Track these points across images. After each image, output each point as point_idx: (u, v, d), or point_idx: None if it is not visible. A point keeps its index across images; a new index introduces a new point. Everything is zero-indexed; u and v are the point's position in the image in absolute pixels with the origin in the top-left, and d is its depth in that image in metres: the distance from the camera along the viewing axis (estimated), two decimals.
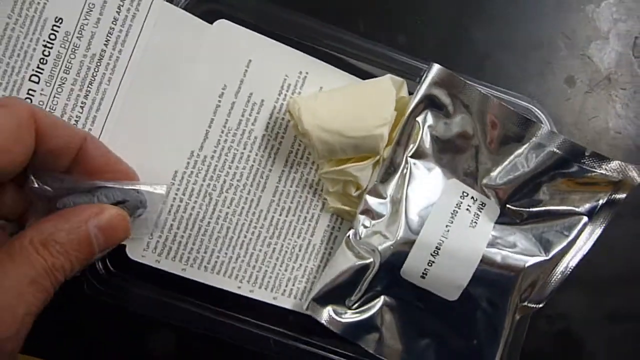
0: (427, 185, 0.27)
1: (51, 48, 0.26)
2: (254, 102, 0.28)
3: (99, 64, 0.26)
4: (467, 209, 0.26)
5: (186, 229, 0.27)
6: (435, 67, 0.27)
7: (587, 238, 0.26)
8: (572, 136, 0.31)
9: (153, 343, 0.29)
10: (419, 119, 0.27)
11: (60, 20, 0.26)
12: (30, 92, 0.25)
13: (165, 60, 0.26)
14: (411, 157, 0.27)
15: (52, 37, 0.26)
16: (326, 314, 0.26)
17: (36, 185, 0.22)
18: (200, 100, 0.27)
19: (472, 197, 0.27)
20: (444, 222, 0.26)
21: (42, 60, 0.25)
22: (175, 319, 0.27)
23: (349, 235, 0.27)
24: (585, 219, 0.26)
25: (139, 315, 0.27)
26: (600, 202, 0.26)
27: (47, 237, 0.19)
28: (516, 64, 0.31)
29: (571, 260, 0.26)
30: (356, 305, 0.27)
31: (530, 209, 0.27)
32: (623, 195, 0.26)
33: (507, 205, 0.27)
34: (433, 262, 0.25)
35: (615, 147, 0.31)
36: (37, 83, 0.25)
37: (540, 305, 0.27)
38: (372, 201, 0.27)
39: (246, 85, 0.27)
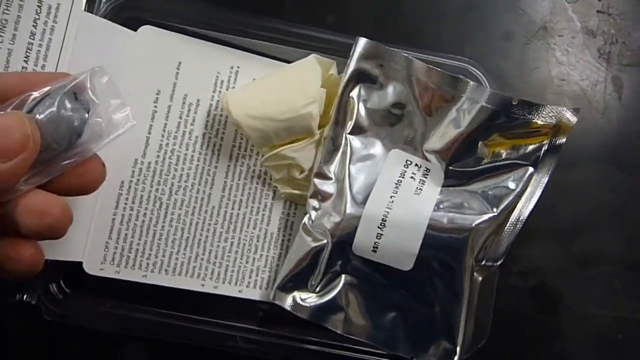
0: (368, 160, 0.26)
1: None
2: (190, 102, 0.27)
3: None
4: (412, 177, 0.26)
5: (141, 235, 0.27)
6: (362, 41, 0.26)
7: (535, 187, 0.26)
8: (517, 90, 0.30)
9: (126, 359, 0.29)
10: (353, 94, 0.26)
11: None
12: None
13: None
14: (349, 133, 0.26)
15: None
16: (291, 300, 0.26)
17: None
18: (136, 108, 0.26)
19: (416, 164, 0.26)
20: (388, 193, 0.25)
21: None
22: (142, 330, 0.27)
23: (304, 221, 0.26)
24: (530, 169, 0.26)
25: (106, 333, 0.27)
26: (543, 149, 0.26)
27: None
28: (451, 28, 0.31)
29: (521, 211, 0.26)
30: (319, 288, 0.26)
31: (474, 168, 0.26)
32: (563, 140, 0.26)
33: (450, 168, 0.26)
34: (381, 234, 0.25)
35: (561, 94, 0.31)
36: None
37: (498, 263, 0.26)
38: (319, 183, 0.26)
39: (180, 87, 0.27)
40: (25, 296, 0.26)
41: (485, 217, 0.25)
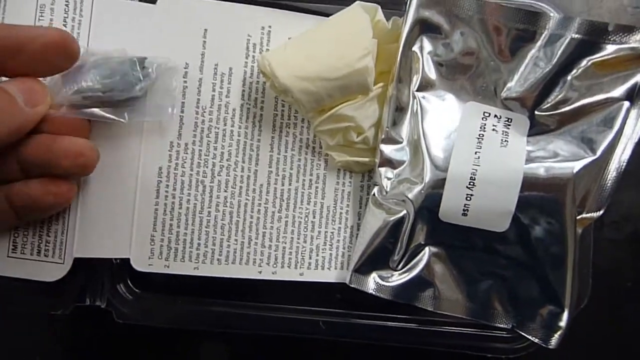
0: (443, 117, 0.22)
1: None
2: (222, 72, 0.23)
3: None
4: (493, 129, 0.21)
5: (187, 224, 0.23)
6: None
7: (634, 124, 0.21)
8: None
9: (203, 355, 0.26)
10: (416, 47, 0.22)
11: None
12: None
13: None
14: (417, 90, 0.22)
15: None
16: (372, 282, 0.22)
17: None
18: None
19: (496, 115, 0.21)
20: (472, 150, 0.21)
21: None
22: (218, 325, 0.24)
23: (374, 193, 0.22)
24: (626, 103, 0.21)
25: (180, 330, 0.24)
26: (639, 80, 0.21)
27: None
28: None
29: (623, 153, 0.21)
30: (401, 264, 0.22)
31: (563, 110, 0.21)
32: None
33: (536, 113, 0.21)
34: (471, 195, 0.21)
35: (637, 22, 0.25)
36: None
37: (601, 212, 0.21)
38: (388, 149, 0.22)
39: (208, 56, 0.23)
40: (95, 300, 0.23)
41: (585, 161, 0.20)
